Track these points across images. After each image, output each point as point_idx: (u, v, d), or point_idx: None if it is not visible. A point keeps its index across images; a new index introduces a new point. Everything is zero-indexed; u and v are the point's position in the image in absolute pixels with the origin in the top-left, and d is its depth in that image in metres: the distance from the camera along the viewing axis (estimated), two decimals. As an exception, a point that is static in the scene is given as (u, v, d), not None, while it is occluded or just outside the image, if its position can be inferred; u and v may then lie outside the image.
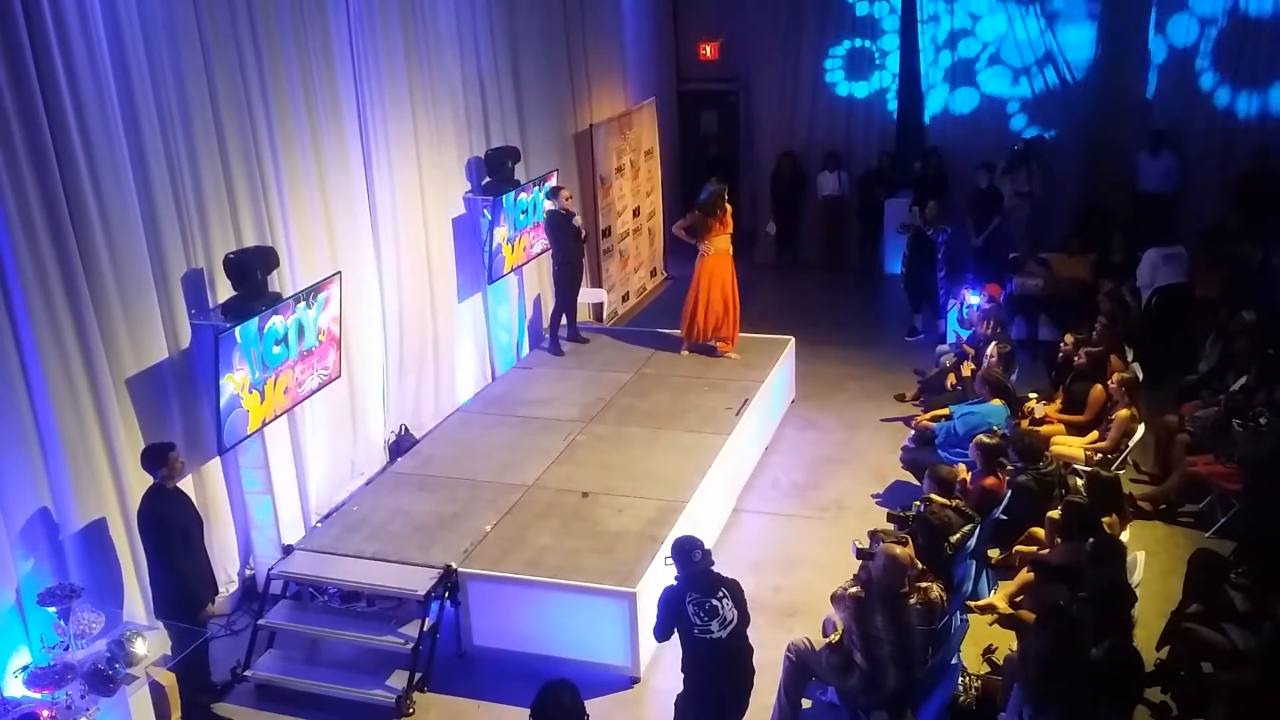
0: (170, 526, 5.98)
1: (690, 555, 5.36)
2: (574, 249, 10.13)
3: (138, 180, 6.39)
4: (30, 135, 5.71)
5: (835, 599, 5.76)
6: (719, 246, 9.92)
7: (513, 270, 10.05)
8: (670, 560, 5.45)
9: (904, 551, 5.59)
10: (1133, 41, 12.88)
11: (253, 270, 6.82)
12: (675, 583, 5.40)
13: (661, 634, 5.49)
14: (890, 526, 6.30)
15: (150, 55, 6.47)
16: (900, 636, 5.49)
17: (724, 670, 5.35)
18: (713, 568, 5.45)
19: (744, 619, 5.39)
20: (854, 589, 5.62)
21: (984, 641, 6.44)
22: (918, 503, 6.72)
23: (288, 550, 7.12)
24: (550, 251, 10.30)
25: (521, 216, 9.91)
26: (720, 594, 5.33)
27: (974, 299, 10.16)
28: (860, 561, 5.81)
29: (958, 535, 6.50)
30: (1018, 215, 12.78)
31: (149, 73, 6.46)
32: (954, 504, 6.72)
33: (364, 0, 8.30)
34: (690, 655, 5.36)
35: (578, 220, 10.07)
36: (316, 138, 7.89)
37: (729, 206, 10.01)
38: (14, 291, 5.72)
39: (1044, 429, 8.32)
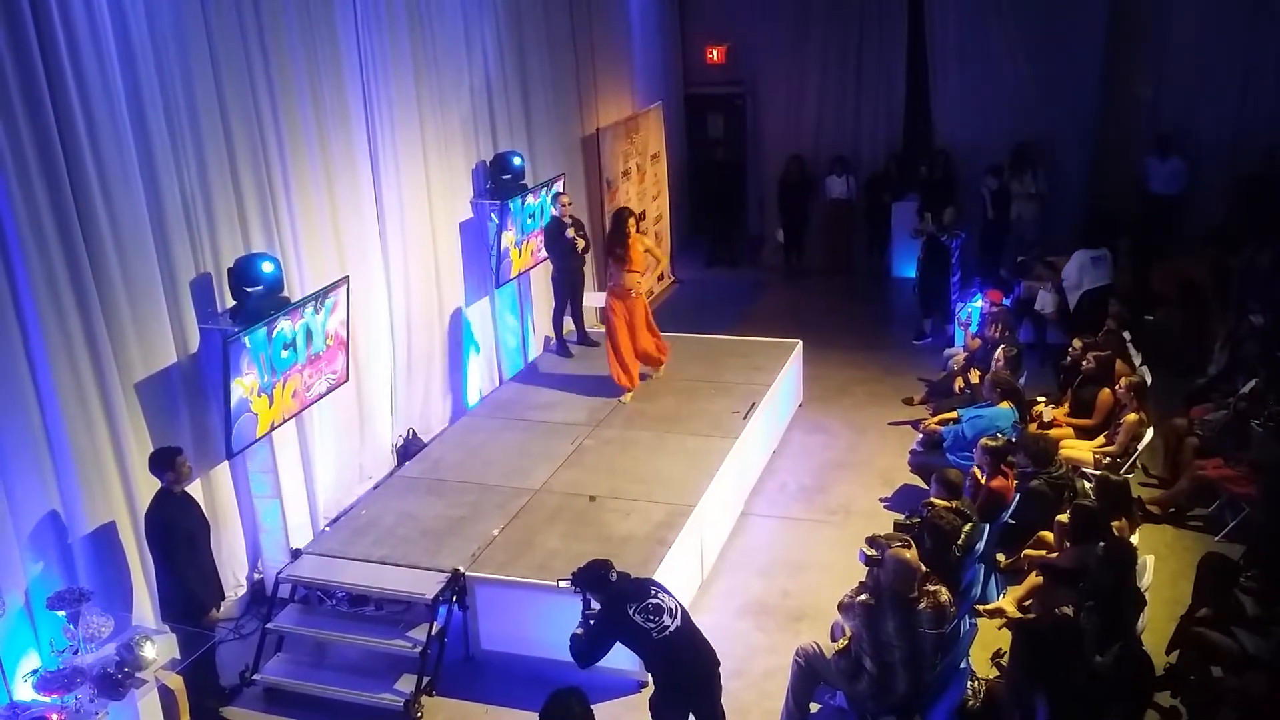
0: (175, 530, 6.00)
1: (606, 577, 5.39)
2: (570, 260, 9.87)
3: (146, 185, 6.41)
4: (40, 142, 5.73)
5: (843, 607, 5.75)
6: (623, 280, 9.10)
7: (520, 274, 10.06)
8: (574, 588, 5.41)
9: (912, 554, 5.58)
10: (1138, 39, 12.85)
11: (242, 285, 6.76)
12: (601, 609, 5.37)
13: (588, 659, 5.37)
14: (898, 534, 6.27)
15: (159, 62, 6.49)
16: (911, 641, 5.47)
17: (694, 657, 5.36)
18: (630, 576, 5.49)
19: (680, 603, 5.42)
20: (863, 596, 5.60)
21: (992, 645, 6.42)
22: (923, 505, 6.71)
23: (296, 554, 7.12)
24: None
25: (529, 221, 9.91)
26: (654, 591, 5.38)
27: (976, 304, 10.14)
28: (867, 569, 5.80)
29: (962, 537, 6.48)
30: (1026, 217, 12.72)
31: (157, 79, 6.48)
32: (953, 505, 6.71)
33: (372, 6, 8.32)
34: (658, 660, 5.35)
35: (570, 232, 9.62)
36: (324, 142, 7.91)
37: (637, 240, 9.11)
38: (24, 296, 5.73)
39: (1052, 433, 8.30)
